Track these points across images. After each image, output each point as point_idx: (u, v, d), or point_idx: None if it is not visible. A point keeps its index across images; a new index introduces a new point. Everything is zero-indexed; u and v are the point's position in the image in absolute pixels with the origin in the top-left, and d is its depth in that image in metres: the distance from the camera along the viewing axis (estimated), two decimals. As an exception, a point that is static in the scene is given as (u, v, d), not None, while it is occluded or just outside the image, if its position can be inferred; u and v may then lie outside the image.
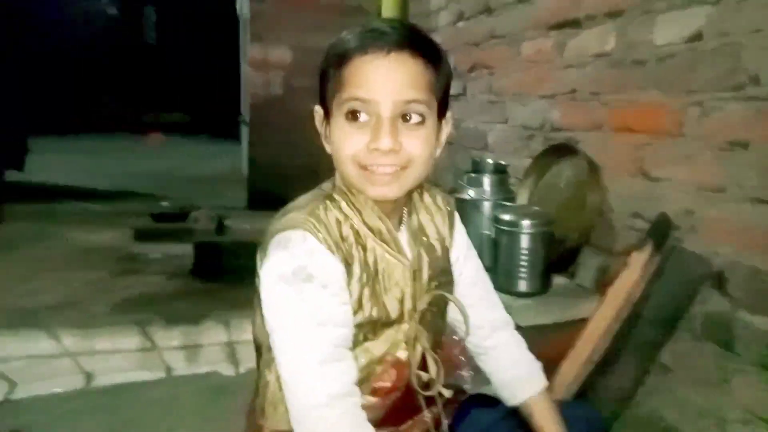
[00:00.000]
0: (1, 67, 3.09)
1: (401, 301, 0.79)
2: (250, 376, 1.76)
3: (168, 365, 1.90)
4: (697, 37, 1.41)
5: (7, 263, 2.56)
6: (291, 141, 3.63)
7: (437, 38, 3.18)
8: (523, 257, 1.62)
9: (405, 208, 0.84)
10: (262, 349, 0.81)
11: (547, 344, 1.57)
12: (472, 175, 1.94)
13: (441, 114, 0.77)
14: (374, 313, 0.76)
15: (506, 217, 1.65)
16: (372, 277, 0.76)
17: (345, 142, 0.73)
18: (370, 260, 0.77)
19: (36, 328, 1.79)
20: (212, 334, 1.97)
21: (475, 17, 2.63)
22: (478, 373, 1.04)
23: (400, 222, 0.84)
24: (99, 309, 2.07)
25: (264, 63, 3.51)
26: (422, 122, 0.73)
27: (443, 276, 0.86)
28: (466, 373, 2.13)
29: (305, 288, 0.69)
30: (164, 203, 3.81)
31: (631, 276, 1.48)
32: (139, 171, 5.41)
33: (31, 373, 1.75)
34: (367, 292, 0.75)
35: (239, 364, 1.97)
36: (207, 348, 1.96)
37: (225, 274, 2.51)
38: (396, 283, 0.79)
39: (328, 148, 0.79)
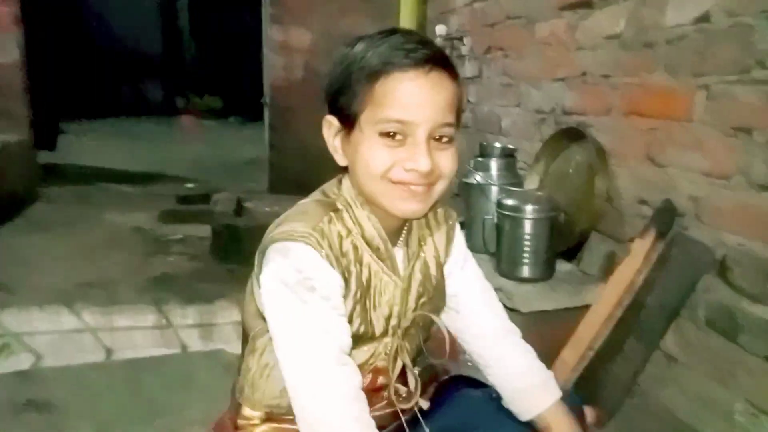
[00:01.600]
0: (34, 48, 3.20)
1: (388, 319, 0.80)
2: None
3: (183, 342, 1.98)
4: (706, 18, 1.36)
5: (43, 243, 2.69)
6: (311, 124, 3.65)
7: (455, 20, 3.13)
8: (527, 243, 1.61)
9: (406, 225, 0.84)
10: (248, 336, 0.83)
11: (548, 331, 1.57)
12: (480, 159, 1.93)
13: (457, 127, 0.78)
14: (360, 329, 0.77)
15: (510, 202, 1.65)
16: (364, 293, 0.77)
17: (377, 159, 0.72)
18: (365, 276, 0.77)
19: (61, 305, 1.89)
20: (225, 314, 2.03)
21: (492, -2, 2.59)
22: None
23: (398, 237, 0.83)
24: (123, 288, 2.17)
25: (284, 46, 3.54)
26: (451, 140, 0.74)
27: (433, 293, 0.86)
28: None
29: (308, 297, 0.70)
30: (189, 185, 3.93)
31: (633, 263, 1.46)
32: (170, 155, 5.55)
33: (55, 347, 1.86)
34: (358, 308, 0.76)
35: (252, 343, 2.04)
36: (220, 327, 2.04)
37: (241, 256, 2.57)
38: (386, 301, 0.79)
39: (340, 160, 0.77)
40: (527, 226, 1.61)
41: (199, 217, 3.16)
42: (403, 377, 0.86)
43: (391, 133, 0.71)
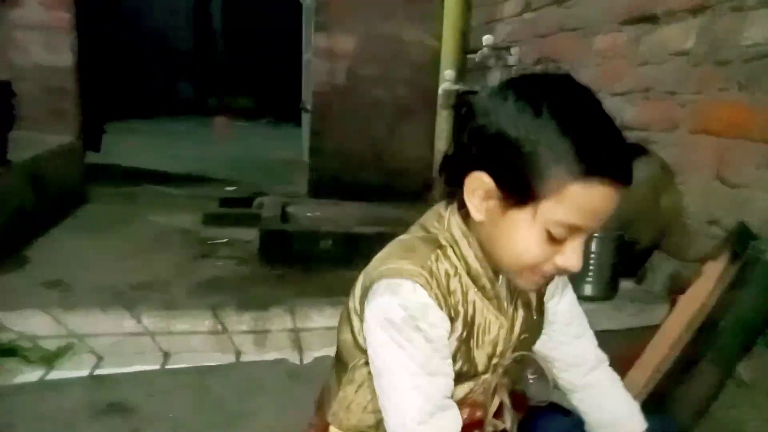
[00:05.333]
0: (82, 51, 3.28)
1: (490, 357, 0.79)
2: (317, 366, 1.84)
3: (237, 348, 2.00)
4: (790, 38, 1.33)
5: (95, 243, 2.76)
6: (354, 130, 3.69)
7: (502, 30, 3.12)
8: (591, 261, 1.60)
9: None
10: (347, 365, 0.83)
11: (613, 351, 1.55)
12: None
13: None
14: (463, 368, 0.76)
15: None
16: (469, 333, 0.76)
17: (533, 252, 0.68)
18: (470, 315, 0.75)
19: (122, 308, 1.93)
20: (279, 321, 2.05)
21: (544, 8, 2.57)
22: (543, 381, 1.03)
23: (500, 273, 0.79)
24: (177, 291, 2.21)
25: (329, 52, 3.56)
26: None
27: (534, 328, 0.85)
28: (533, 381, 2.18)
29: (414, 337, 0.69)
30: (230, 188, 3.98)
31: (706, 285, 1.44)
32: (207, 155, 5.63)
33: (116, 350, 1.90)
34: (462, 347, 0.75)
35: (303, 351, 2.06)
36: (273, 334, 2.06)
37: (289, 261, 2.60)
38: (490, 340, 0.78)
39: (476, 216, 0.71)
40: (593, 244, 1.59)
41: (242, 220, 3.20)
42: (499, 411, 0.86)
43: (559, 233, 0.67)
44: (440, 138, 3.59)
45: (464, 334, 0.75)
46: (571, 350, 0.92)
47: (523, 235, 0.68)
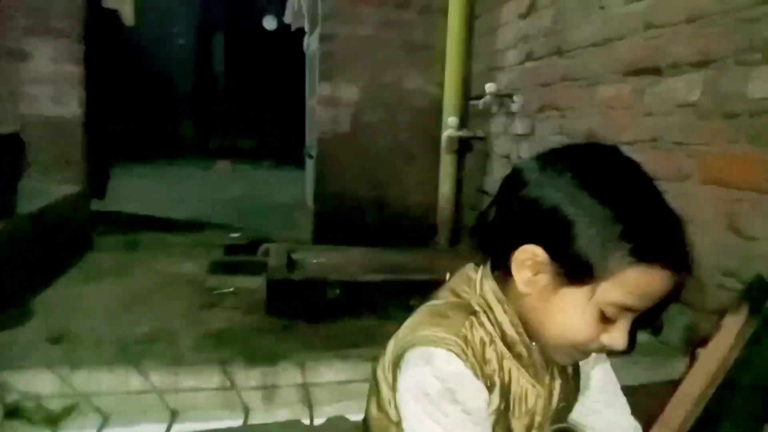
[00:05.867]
0: (89, 100, 3.34)
1: (528, 429, 0.77)
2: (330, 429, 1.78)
3: (246, 405, 1.96)
4: (797, 94, 1.36)
5: (100, 293, 2.73)
6: (358, 175, 3.71)
7: (503, 78, 3.18)
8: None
9: None
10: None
11: (631, 407, 1.52)
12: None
13: None
14: None
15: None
16: (506, 404, 0.74)
17: (585, 332, 0.67)
18: (506, 384, 0.73)
19: (128, 365, 1.89)
20: (288, 376, 2.01)
21: (545, 58, 2.63)
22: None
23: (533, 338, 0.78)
24: (183, 344, 2.17)
25: (332, 100, 3.63)
26: None
27: (571, 395, 0.84)
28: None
29: (451, 411, 0.67)
30: (234, 235, 3.97)
31: (725, 340, 1.41)
32: (209, 198, 5.65)
33: (122, 409, 1.85)
34: (501, 419, 0.73)
35: (313, 407, 2.01)
36: (282, 389, 2.01)
37: (296, 310, 2.57)
38: (528, 410, 0.76)
39: (524, 289, 0.70)
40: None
41: (247, 267, 3.18)
42: None
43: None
44: (444, 183, 3.62)
45: (502, 405, 0.73)
46: (605, 419, 0.90)
47: (575, 313, 0.67)
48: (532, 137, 2.74)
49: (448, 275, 0.84)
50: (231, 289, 2.91)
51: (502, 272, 0.74)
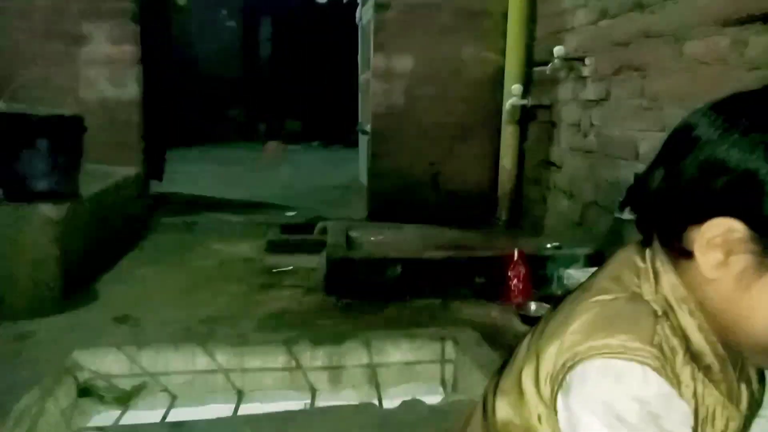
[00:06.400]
0: (146, 83, 3.33)
1: None
2: (404, 413, 1.67)
3: (313, 385, 1.90)
4: None
5: (162, 275, 2.75)
6: (413, 151, 3.59)
7: (572, 39, 2.96)
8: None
9: None
10: None
11: None
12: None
13: None
14: None
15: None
16: (696, 426, 0.58)
17: None
18: (696, 404, 0.58)
19: (195, 345, 1.87)
20: (354, 355, 1.95)
21: (623, 15, 2.41)
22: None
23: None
24: (246, 324, 2.14)
25: (387, 72, 3.49)
26: None
27: (754, 411, 0.68)
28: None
29: None
30: (290, 213, 3.94)
31: None
32: (262, 181, 5.66)
33: (190, 389, 1.83)
34: None
35: (380, 387, 1.94)
36: (348, 369, 1.95)
37: (357, 288, 2.50)
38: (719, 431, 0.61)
39: (713, 274, 0.55)
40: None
41: (304, 246, 3.14)
42: None
43: None
44: (505, 155, 3.44)
45: (696, 428, 0.57)
46: None
47: None
48: (606, 102, 2.54)
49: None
50: (290, 267, 2.86)
51: (674, 254, 0.58)
